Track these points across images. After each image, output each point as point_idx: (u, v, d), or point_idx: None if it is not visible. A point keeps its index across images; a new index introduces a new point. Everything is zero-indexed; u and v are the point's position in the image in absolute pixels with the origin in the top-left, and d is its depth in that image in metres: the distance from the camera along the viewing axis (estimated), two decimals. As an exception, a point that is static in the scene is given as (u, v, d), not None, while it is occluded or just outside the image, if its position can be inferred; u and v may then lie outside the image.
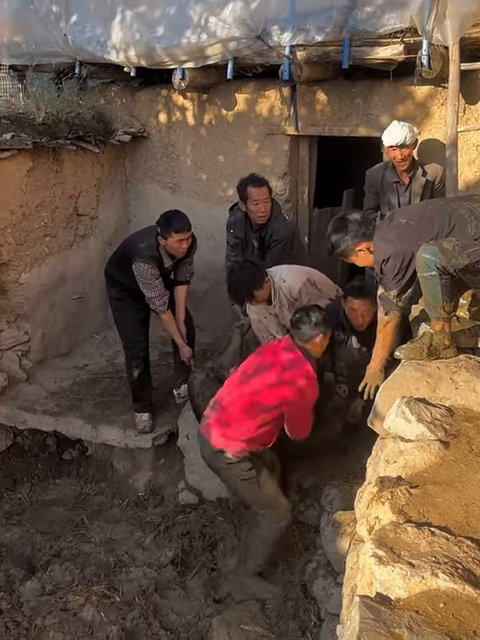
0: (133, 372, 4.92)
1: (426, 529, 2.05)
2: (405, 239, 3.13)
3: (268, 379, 3.64)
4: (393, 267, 3.15)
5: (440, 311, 3.11)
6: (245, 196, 4.68)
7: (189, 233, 4.51)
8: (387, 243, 3.19)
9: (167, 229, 4.46)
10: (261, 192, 4.63)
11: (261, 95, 5.57)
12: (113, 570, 4.18)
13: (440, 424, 2.69)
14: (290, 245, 4.86)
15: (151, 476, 5.02)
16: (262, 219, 4.73)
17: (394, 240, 3.16)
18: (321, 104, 5.33)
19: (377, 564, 1.92)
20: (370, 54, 4.60)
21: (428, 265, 2.98)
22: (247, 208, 4.72)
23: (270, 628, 3.52)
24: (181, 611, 3.83)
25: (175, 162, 6.19)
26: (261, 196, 4.63)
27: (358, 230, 3.27)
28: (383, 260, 3.18)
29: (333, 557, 3.55)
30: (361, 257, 3.35)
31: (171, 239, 4.46)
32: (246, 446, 3.66)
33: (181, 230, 4.45)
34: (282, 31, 4.78)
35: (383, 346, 3.55)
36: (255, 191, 4.62)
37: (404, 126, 4.44)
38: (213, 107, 5.83)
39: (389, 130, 4.47)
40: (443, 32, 4.21)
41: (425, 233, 3.09)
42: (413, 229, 3.14)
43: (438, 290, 3.03)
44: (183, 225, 4.47)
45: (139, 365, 4.90)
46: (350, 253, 3.35)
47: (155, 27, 5.32)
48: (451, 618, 1.76)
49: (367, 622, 1.71)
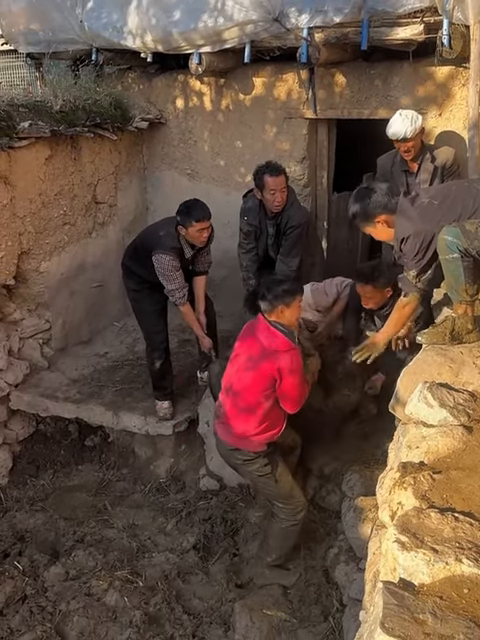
0: (155, 362, 4.91)
1: (449, 515, 2.03)
2: (427, 219, 3.08)
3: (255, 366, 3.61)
4: (413, 247, 3.10)
5: (463, 294, 3.07)
6: (262, 185, 4.62)
7: (209, 222, 4.48)
8: (408, 221, 3.13)
9: (188, 218, 4.42)
10: (278, 182, 4.58)
11: (279, 79, 5.51)
12: (136, 555, 4.22)
13: (463, 409, 2.66)
14: (306, 231, 4.82)
15: (172, 462, 5.04)
16: (278, 208, 4.69)
17: (415, 219, 3.10)
18: (340, 87, 5.27)
19: (400, 550, 1.91)
20: (389, 35, 4.53)
21: (450, 247, 2.94)
22: (263, 197, 4.68)
23: (292, 613, 3.54)
24: (203, 596, 3.86)
25: (192, 148, 6.16)
26: (278, 185, 4.58)
27: (381, 201, 3.20)
28: (403, 239, 3.13)
29: (355, 542, 3.55)
30: (379, 230, 3.29)
31: (192, 228, 4.43)
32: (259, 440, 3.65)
33: (202, 219, 4.41)
34: (299, 13, 4.71)
35: (395, 325, 3.53)
36: (272, 180, 4.57)
37: (405, 119, 4.32)
38: (230, 92, 5.78)
39: (390, 123, 4.38)
40: (464, 11, 4.12)
41: (448, 214, 3.03)
42: (435, 209, 3.09)
43: (460, 272, 2.99)
44: (204, 214, 4.44)
45: (161, 356, 4.90)
46: (369, 223, 3.29)
47: (171, 11, 5.27)
48: (475, 604, 1.75)
49: (391, 608, 1.70)
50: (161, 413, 4.92)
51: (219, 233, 5.22)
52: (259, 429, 3.62)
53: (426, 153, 4.51)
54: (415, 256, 3.12)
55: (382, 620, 1.65)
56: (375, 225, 3.27)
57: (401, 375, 3.16)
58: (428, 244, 3.07)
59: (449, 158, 4.51)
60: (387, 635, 1.60)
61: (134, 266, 4.79)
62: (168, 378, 5.02)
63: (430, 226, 3.04)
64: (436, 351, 3.08)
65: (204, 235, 4.50)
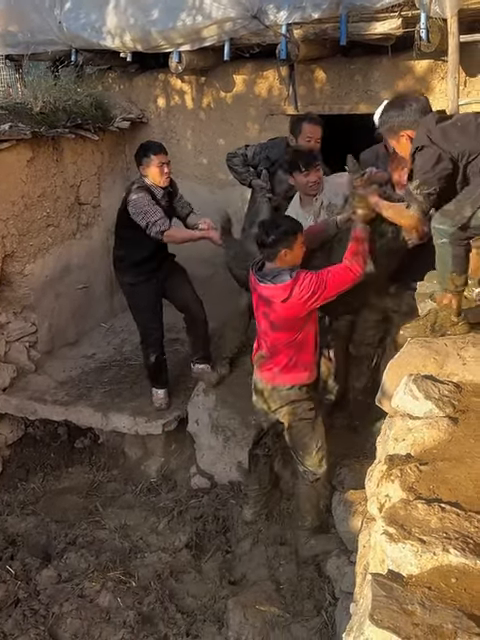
0: (150, 357, 4.93)
1: (436, 505, 2.05)
2: (446, 137, 2.95)
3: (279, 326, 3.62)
4: (424, 159, 2.98)
5: (449, 282, 3.07)
6: (298, 131, 4.45)
7: (167, 156, 4.53)
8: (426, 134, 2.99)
9: (146, 153, 4.47)
10: (316, 130, 4.43)
11: (259, 75, 5.52)
12: (128, 556, 4.21)
13: (448, 400, 2.68)
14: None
15: (163, 462, 5.04)
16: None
17: (435, 133, 2.97)
18: (320, 82, 5.28)
19: (388, 541, 1.93)
20: (368, 29, 4.55)
21: (439, 233, 2.95)
22: (297, 143, 4.48)
23: (285, 608, 3.55)
24: (197, 594, 3.87)
25: (175, 147, 6.14)
26: (315, 134, 4.42)
27: (413, 116, 3.07)
28: (417, 148, 3.01)
29: (345, 536, 3.57)
30: (402, 144, 3.16)
31: (152, 164, 4.45)
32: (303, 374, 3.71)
33: (159, 152, 4.47)
34: (278, 9, 4.73)
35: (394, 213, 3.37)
36: (311, 128, 4.42)
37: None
38: (211, 90, 5.79)
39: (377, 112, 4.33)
40: (441, 4, 4.15)
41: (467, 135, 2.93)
42: (457, 129, 2.98)
43: (448, 260, 2.99)
44: (160, 147, 4.52)
45: (156, 351, 4.91)
46: (394, 134, 3.17)
47: (150, 11, 5.27)
48: (463, 593, 1.76)
49: (379, 599, 1.71)
50: (157, 403, 4.94)
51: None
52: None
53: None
54: (423, 166, 2.99)
55: (371, 612, 1.66)
56: (399, 139, 3.16)
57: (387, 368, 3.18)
58: (437, 160, 2.93)
59: None
60: (376, 627, 1.62)
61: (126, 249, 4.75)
62: (164, 369, 5.05)
63: (447, 144, 2.92)
64: (420, 343, 3.09)
65: (165, 171, 4.49)
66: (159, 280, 4.81)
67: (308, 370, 3.76)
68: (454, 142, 2.92)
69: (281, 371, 3.73)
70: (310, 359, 3.76)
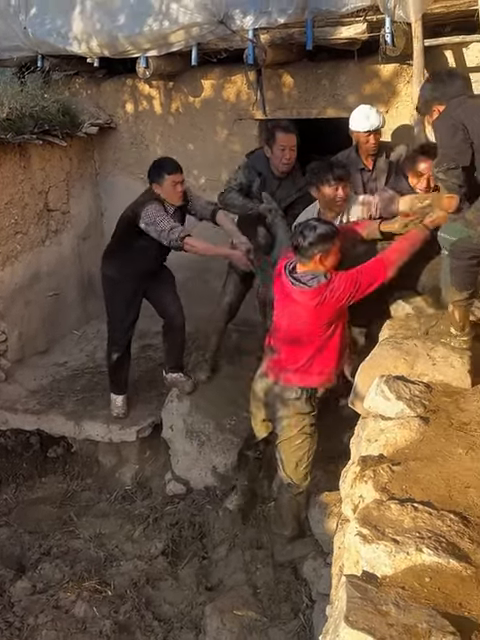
0: (112, 355, 4.89)
1: (409, 505, 2.07)
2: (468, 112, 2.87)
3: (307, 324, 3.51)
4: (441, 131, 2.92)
5: (448, 295, 3.02)
6: (272, 140, 4.41)
7: (182, 175, 4.46)
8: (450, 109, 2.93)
9: (160, 172, 4.40)
10: (290, 139, 4.38)
11: (227, 80, 5.53)
12: (104, 565, 4.17)
13: (419, 400, 2.72)
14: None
15: (137, 469, 5.01)
16: (286, 166, 4.45)
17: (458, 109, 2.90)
18: (288, 87, 5.31)
19: (362, 542, 1.94)
20: (333, 34, 4.58)
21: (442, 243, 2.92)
22: (272, 153, 4.44)
23: (263, 612, 3.54)
24: (174, 601, 3.85)
25: (145, 152, 6.13)
26: (289, 142, 4.38)
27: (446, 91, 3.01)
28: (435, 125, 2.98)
29: (321, 538, 3.59)
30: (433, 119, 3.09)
31: (166, 183, 4.39)
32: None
33: (174, 171, 4.40)
34: (244, 15, 4.74)
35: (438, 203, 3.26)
36: (285, 137, 4.37)
37: (375, 110, 4.36)
38: (180, 95, 5.78)
39: (364, 115, 4.31)
40: (405, 9, 4.20)
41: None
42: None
43: (447, 272, 2.94)
44: (175, 166, 4.44)
45: (119, 350, 4.86)
46: (427, 109, 3.13)
47: (116, 16, 5.25)
48: (437, 592, 1.78)
49: (354, 601, 1.72)
50: (114, 412, 4.91)
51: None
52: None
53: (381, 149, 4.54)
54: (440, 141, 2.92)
55: (346, 614, 1.67)
56: (432, 114, 3.09)
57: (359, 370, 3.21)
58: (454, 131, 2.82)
59: (402, 154, 4.55)
60: (351, 628, 1.62)
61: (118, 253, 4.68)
62: (123, 373, 5.00)
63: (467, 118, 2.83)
64: (391, 345, 3.13)
65: (178, 189, 4.43)
66: (144, 281, 4.76)
67: (324, 375, 3.63)
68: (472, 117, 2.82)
69: (295, 371, 3.59)
70: (330, 364, 3.62)
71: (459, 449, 2.38)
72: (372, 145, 4.37)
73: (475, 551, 1.90)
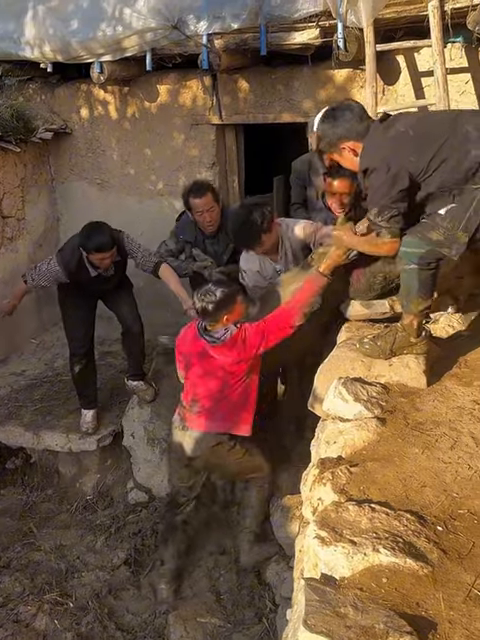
0: (74, 367, 4.81)
1: (366, 506, 2.08)
2: (398, 150, 2.70)
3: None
4: (377, 183, 2.73)
5: (411, 307, 2.93)
6: (189, 207, 4.42)
7: (111, 251, 4.23)
8: (375, 150, 2.74)
9: (87, 245, 4.21)
10: (203, 202, 4.33)
11: (183, 85, 5.52)
12: (65, 576, 4.11)
13: (376, 402, 2.73)
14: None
15: (98, 478, 4.95)
16: (211, 228, 4.45)
17: (384, 148, 2.72)
18: (243, 92, 5.32)
19: (320, 545, 1.94)
20: (287, 39, 4.61)
21: (408, 257, 2.80)
22: (194, 218, 4.46)
23: (226, 618, 3.53)
24: (137, 611, 3.81)
25: (101, 157, 6.08)
26: (204, 206, 4.34)
27: (352, 125, 2.80)
28: (367, 170, 2.77)
29: (284, 541, 3.58)
30: (345, 157, 2.89)
31: (92, 256, 4.24)
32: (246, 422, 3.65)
33: (102, 250, 4.19)
34: (198, 20, 4.75)
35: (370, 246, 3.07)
36: (197, 202, 4.34)
37: None
38: (135, 100, 5.75)
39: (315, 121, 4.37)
40: (357, 14, 4.25)
41: (421, 149, 2.67)
42: (409, 140, 2.71)
43: (414, 284, 2.85)
44: (104, 244, 4.18)
45: (79, 361, 4.78)
46: (334, 148, 2.89)
47: (69, 21, 5.21)
48: (394, 592, 1.79)
49: (313, 604, 1.72)
50: (83, 427, 4.83)
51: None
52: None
53: None
54: (377, 190, 2.74)
55: (305, 617, 1.66)
56: (341, 152, 2.88)
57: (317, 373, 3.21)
58: (394, 177, 2.66)
59: None
60: (310, 632, 1.62)
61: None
62: (90, 386, 4.93)
63: (399, 159, 2.66)
64: (349, 347, 3.14)
65: (106, 262, 4.28)
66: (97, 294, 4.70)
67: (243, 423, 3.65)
68: (408, 156, 2.67)
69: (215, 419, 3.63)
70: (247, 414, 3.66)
71: (415, 449, 2.40)
72: None
73: (431, 550, 1.92)
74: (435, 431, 2.51)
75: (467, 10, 4.08)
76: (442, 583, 1.82)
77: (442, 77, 4.18)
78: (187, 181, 5.70)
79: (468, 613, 1.73)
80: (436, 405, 2.71)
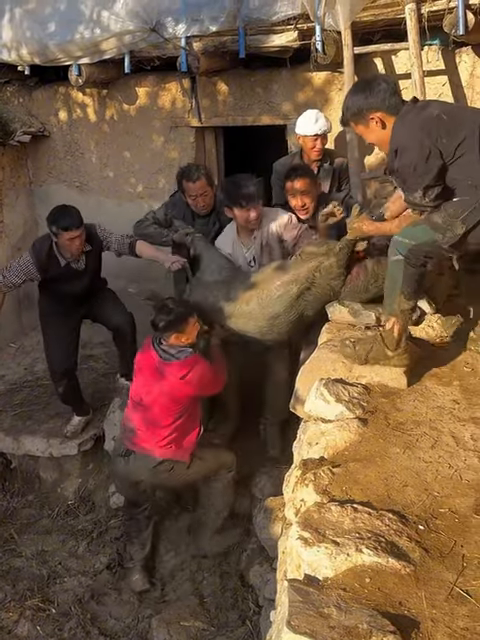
0: (57, 388, 4.73)
1: (349, 506, 2.09)
2: (431, 130, 2.63)
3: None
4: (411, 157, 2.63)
5: (394, 305, 2.83)
6: (182, 189, 4.38)
7: (79, 230, 4.13)
8: (408, 129, 2.66)
9: (55, 225, 4.10)
10: (197, 187, 4.29)
11: (162, 88, 5.51)
12: (47, 582, 4.09)
13: (358, 402, 2.74)
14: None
15: (80, 483, 4.91)
16: (204, 211, 4.40)
17: (416, 129, 2.65)
18: (223, 94, 5.32)
19: (303, 546, 1.94)
20: (265, 42, 4.63)
21: (397, 248, 2.73)
22: (187, 201, 4.40)
23: (210, 621, 3.53)
24: (119, 615, 3.79)
25: (80, 160, 6.05)
26: (198, 190, 4.31)
27: (384, 97, 2.71)
28: (397, 149, 2.68)
29: (267, 543, 3.58)
30: (372, 129, 2.79)
31: (61, 237, 4.14)
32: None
33: (69, 227, 4.07)
34: (176, 22, 4.74)
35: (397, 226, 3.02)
36: (191, 186, 4.30)
37: (322, 115, 4.43)
38: (114, 102, 5.73)
39: (311, 118, 4.36)
40: (334, 17, 4.27)
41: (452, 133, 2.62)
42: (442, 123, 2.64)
43: (399, 278, 2.76)
44: (71, 221, 4.09)
45: (60, 380, 4.68)
46: (362, 119, 2.78)
47: (46, 23, 5.18)
48: (377, 592, 1.80)
49: (296, 605, 1.72)
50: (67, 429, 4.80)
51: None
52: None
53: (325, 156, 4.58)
54: (414, 171, 2.64)
55: (288, 619, 1.67)
56: (368, 123, 2.76)
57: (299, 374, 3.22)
58: (427, 157, 2.60)
59: (344, 161, 4.60)
60: (294, 633, 1.62)
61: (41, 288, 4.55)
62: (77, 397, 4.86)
63: (431, 139, 2.61)
64: (329, 348, 3.15)
65: (76, 244, 4.17)
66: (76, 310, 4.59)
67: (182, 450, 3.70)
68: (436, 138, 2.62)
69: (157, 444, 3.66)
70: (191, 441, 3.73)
71: (396, 448, 2.42)
72: (318, 149, 4.41)
73: (413, 549, 1.93)
74: (416, 431, 2.53)
75: (443, 13, 4.12)
76: (424, 582, 1.83)
77: (419, 80, 4.21)
78: (167, 184, 5.72)
79: (450, 611, 1.74)
80: (417, 405, 2.73)
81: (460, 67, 4.50)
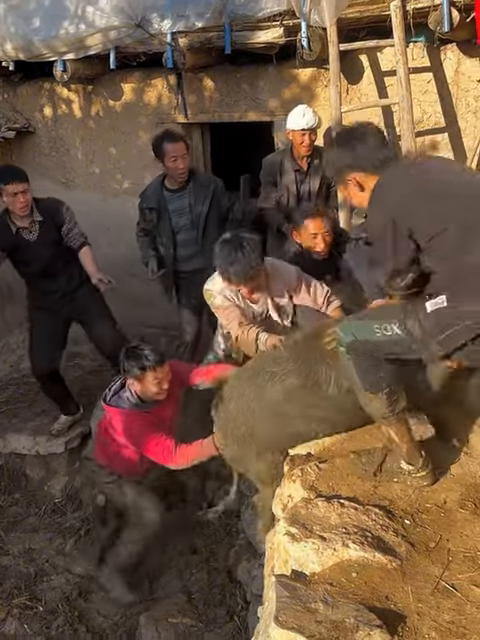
0: (43, 387, 4.73)
1: (336, 502, 2.10)
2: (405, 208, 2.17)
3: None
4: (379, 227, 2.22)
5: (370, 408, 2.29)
6: (162, 153, 4.32)
7: (23, 185, 4.05)
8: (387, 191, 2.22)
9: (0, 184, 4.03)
10: (178, 147, 4.25)
11: (148, 84, 5.49)
12: (34, 580, 4.07)
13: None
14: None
15: (67, 481, 4.88)
16: (182, 175, 4.35)
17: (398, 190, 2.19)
18: (209, 91, 5.31)
19: (290, 542, 1.96)
20: (251, 38, 4.62)
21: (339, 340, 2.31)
22: (165, 166, 4.38)
23: (198, 617, 3.53)
24: (107, 613, 3.78)
25: (65, 156, 6.02)
26: (178, 151, 4.25)
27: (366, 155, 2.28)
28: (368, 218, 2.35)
29: (254, 539, 3.59)
30: (350, 190, 2.38)
31: (5, 193, 4.05)
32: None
33: (12, 181, 4.00)
34: (162, 18, 4.73)
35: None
36: (172, 146, 4.26)
37: (310, 110, 4.41)
38: (99, 98, 5.71)
39: (300, 113, 4.35)
40: (320, 13, 4.26)
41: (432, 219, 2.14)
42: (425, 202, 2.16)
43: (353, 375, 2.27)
44: (14, 175, 4.07)
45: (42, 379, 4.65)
46: (340, 179, 2.43)
47: (31, 19, 5.14)
48: (364, 586, 1.81)
49: (283, 601, 1.74)
50: (55, 429, 4.79)
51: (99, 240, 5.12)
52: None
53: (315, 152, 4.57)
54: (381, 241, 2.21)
55: (276, 614, 1.68)
56: (347, 185, 2.36)
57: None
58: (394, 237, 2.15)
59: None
60: (281, 628, 1.64)
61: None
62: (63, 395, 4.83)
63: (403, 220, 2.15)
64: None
65: (20, 200, 4.05)
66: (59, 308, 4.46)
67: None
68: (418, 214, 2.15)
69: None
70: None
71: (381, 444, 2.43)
72: (307, 145, 4.40)
73: (399, 544, 1.95)
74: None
75: (429, 10, 4.13)
76: (410, 576, 1.85)
77: (405, 76, 4.22)
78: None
79: (436, 605, 1.76)
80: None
81: (445, 64, 4.51)
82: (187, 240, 4.47)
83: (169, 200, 4.44)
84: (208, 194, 4.41)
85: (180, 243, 4.47)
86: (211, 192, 4.42)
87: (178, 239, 4.47)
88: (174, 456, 3.29)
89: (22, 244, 4.23)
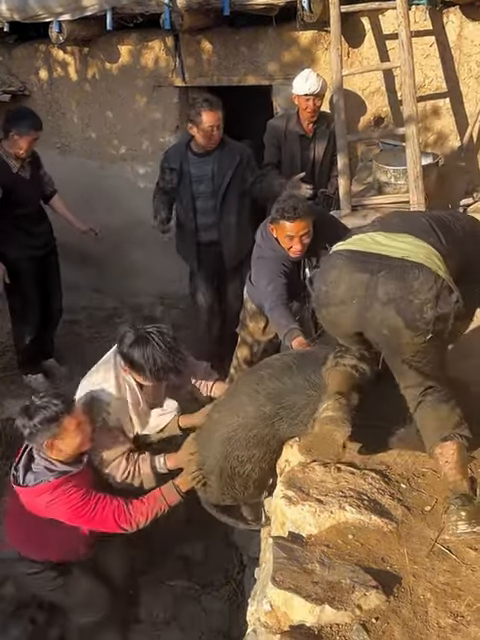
0: (25, 338, 4.78)
1: (332, 466, 2.11)
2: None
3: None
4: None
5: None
6: (197, 120, 4.13)
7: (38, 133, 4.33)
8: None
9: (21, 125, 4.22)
10: (216, 117, 4.12)
11: (145, 46, 5.38)
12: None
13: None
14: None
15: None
16: (213, 146, 4.23)
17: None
18: (207, 54, 5.21)
19: (288, 504, 1.97)
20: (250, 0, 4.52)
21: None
22: (197, 133, 4.20)
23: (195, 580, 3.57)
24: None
25: (61, 120, 5.94)
26: (216, 122, 4.13)
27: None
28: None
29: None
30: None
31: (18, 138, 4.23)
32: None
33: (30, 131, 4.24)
34: (158, -22, 4.62)
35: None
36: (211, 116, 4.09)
37: (317, 74, 4.37)
38: (96, 61, 5.60)
39: (304, 77, 4.33)
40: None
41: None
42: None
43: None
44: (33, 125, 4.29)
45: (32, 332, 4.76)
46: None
47: (25, -22, 5.02)
48: (360, 548, 1.83)
49: (280, 561, 1.75)
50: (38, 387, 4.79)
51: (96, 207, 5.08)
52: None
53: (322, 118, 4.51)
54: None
55: (273, 574, 1.70)
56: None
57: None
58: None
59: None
60: (278, 588, 1.66)
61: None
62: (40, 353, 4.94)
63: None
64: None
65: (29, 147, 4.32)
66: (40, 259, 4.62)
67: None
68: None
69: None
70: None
71: (380, 409, 2.43)
72: (311, 110, 4.36)
73: (395, 507, 1.96)
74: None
75: (432, -29, 4.05)
76: (406, 538, 1.87)
77: (407, 40, 4.14)
78: (150, 145, 5.64)
79: (432, 567, 1.78)
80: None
81: (447, 27, 4.43)
82: (205, 208, 4.36)
83: (192, 163, 4.32)
84: (233, 164, 4.28)
85: (199, 210, 4.37)
86: (237, 162, 4.29)
87: (197, 205, 4.36)
88: (127, 515, 2.79)
89: (20, 183, 4.35)
